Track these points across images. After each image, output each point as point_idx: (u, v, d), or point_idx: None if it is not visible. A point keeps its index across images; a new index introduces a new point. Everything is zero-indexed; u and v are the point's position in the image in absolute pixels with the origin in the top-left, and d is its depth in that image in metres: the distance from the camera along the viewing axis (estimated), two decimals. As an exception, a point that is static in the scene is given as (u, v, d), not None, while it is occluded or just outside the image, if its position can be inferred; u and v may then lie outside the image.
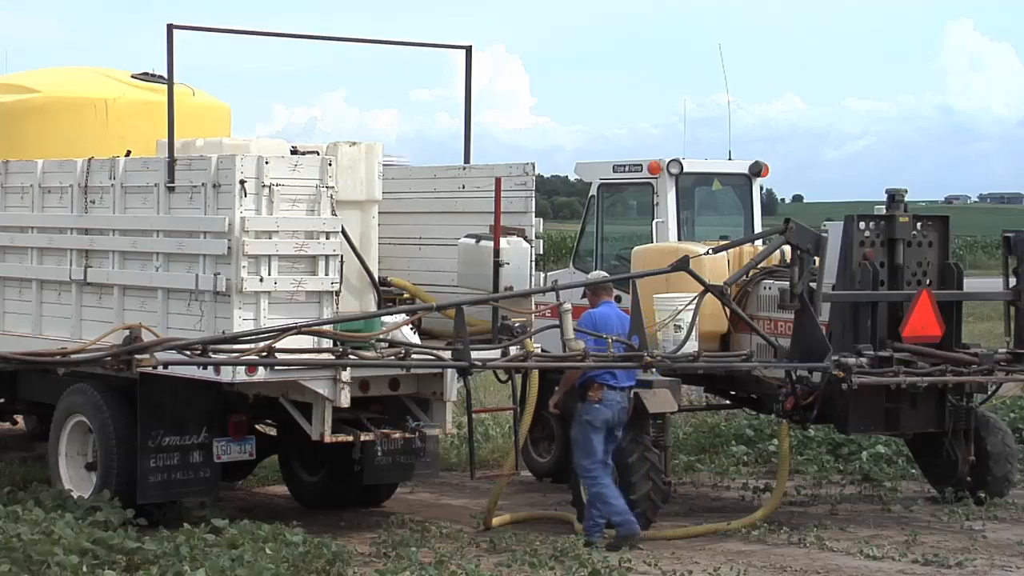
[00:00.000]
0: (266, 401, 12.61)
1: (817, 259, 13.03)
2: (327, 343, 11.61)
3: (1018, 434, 16.34)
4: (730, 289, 13.27)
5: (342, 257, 12.08)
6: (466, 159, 13.92)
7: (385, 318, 12.03)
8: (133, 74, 15.58)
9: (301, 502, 14.37)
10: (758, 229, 16.07)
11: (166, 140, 12.27)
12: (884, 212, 13.80)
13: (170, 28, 12.00)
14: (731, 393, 15.31)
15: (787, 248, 13.20)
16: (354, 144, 12.61)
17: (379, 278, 12.75)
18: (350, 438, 12.18)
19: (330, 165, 12.01)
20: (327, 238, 11.94)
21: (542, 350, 12.42)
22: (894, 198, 13.81)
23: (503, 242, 12.47)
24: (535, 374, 12.87)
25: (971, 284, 14.89)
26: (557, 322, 12.05)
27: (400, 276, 13.44)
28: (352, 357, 11.39)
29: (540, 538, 12.35)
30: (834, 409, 13.29)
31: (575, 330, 12.05)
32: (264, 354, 10.89)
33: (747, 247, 14.85)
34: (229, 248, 11.61)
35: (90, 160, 13.19)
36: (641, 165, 16.03)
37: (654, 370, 12.69)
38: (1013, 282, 14.23)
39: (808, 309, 12.90)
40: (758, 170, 16.51)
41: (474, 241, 12.76)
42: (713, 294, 12.87)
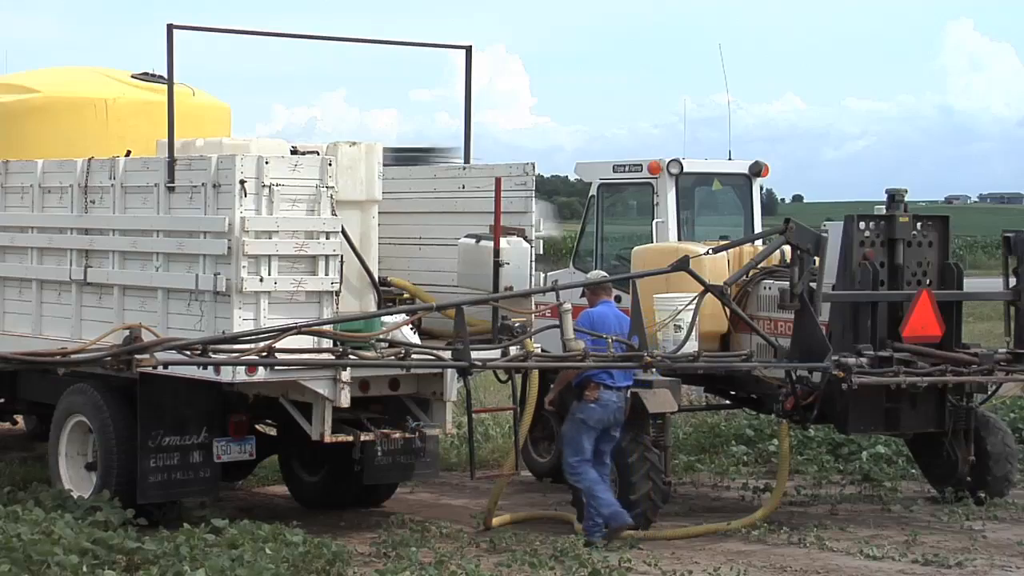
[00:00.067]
0: (266, 401, 12.60)
1: (817, 259, 13.02)
2: (327, 343, 11.60)
3: (1018, 434, 16.34)
4: (730, 289, 13.28)
5: (342, 257, 12.08)
6: (466, 159, 13.94)
7: (385, 318, 12.02)
8: (133, 74, 15.57)
9: (301, 502, 14.36)
10: (758, 229, 16.06)
11: (166, 140, 12.26)
12: (884, 212, 13.80)
13: (170, 28, 12.00)
14: (731, 393, 15.31)
15: (787, 248, 13.20)
16: (354, 144, 12.61)
17: (379, 278, 12.75)
18: (350, 438, 12.18)
19: (330, 165, 12.00)
20: (327, 238, 11.94)
21: (542, 350, 12.43)
22: (894, 198, 13.81)
23: (503, 242, 12.47)
24: (535, 374, 12.87)
25: (971, 284, 14.88)
26: (557, 322, 12.07)
27: (400, 276, 13.43)
28: (352, 357, 11.39)
29: (540, 538, 12.34)
30: (834, 409, 13.29)
31: (574, 330, 12.07)
32: (264, 354, 10.90)
33: (747, 247, 14.85)
34: (229, 248, 11.61)
35: (90, 160, 13.19)
36: (641, 165, 16.02)
37: (654, 370, 12.70)
38: (1013, 282, 14.23)
39: (808, 309, 12.90)
40: (758, 170, 16.50)
41: (474, 241, 12.76)
42: (713, 294, 12.87)
